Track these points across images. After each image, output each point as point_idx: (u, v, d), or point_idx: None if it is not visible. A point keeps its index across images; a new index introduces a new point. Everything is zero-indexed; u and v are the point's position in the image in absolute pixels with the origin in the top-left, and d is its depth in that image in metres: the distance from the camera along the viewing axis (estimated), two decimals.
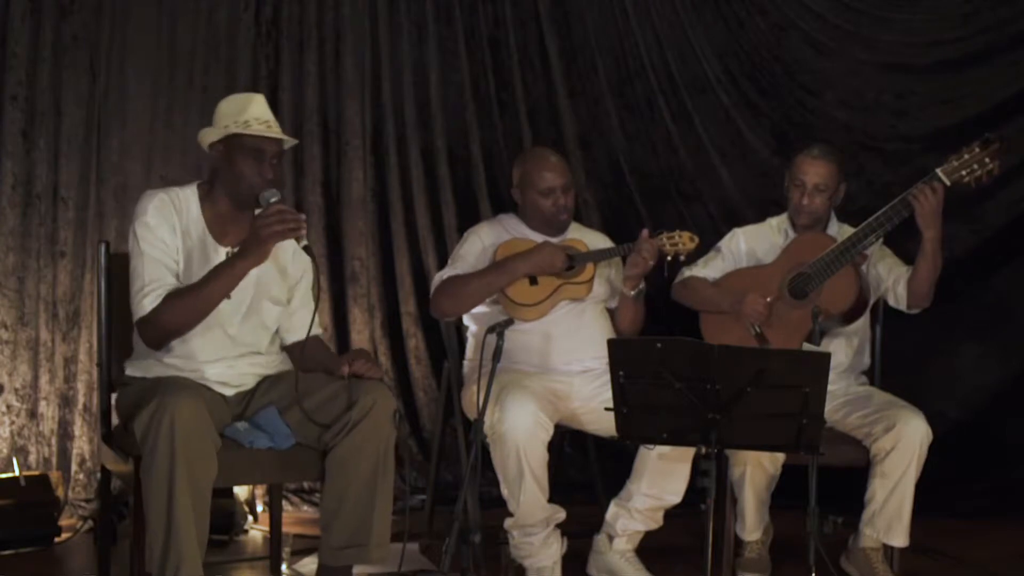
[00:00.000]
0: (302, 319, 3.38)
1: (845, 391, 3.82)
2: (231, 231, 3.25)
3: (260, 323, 3.30)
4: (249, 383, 3.31)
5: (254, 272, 3.17)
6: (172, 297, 3.12)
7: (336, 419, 3.13)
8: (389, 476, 3.15)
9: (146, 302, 3.11)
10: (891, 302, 3.89)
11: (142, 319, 3.13)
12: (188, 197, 3.25)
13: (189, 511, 2.90)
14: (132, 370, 3.29)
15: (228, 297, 3.16)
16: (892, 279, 3.85)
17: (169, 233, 3.17)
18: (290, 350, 3.43)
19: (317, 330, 3.36)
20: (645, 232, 3.74)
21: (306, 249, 3.16)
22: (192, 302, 3.10)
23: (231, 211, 3.25)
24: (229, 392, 3.27)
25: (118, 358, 3.37)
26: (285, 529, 3.74)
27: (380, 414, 3.11)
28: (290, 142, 3.31)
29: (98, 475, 4.00)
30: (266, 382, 3.31)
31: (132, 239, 3.18)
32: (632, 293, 3.81)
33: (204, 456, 2.96)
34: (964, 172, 3.60)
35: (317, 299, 3.32)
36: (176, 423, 2.88)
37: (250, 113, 3.20)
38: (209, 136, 3.24)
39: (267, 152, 3.20)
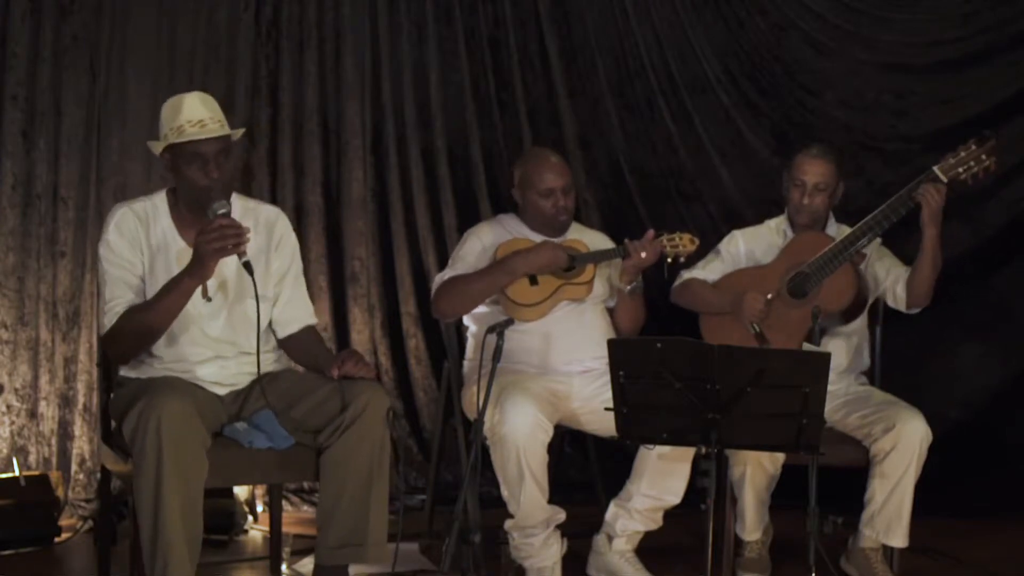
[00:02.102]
0: (293, 312, 3.38)
1: (845, 391, 3.81)
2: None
3: (246, 321, 3.26)
4: (243, 382, 3.30)
5: (231, 272, 3.17)
6: (128, 314, 3.12)
7: (329, 421, 3.13)
8: (384, 476, 3.14)
9: (106, 320, 3.15)
10: (890, 303, 3.89)
11: (103, 337, 3.17)
12: (157, 206, 3.24)
13: (177, 512, 2.89)
14: (126, 371, 3.30)
15: (201, 303, 3.17)
16: (891, 279, 3.85)
17: (129, 249, 3.16)
18: (285, 344, 3.42)
19: (312, 320, 3.38)
20: (651, 233, 3.73)
21: (246, 266, 3.05)
22: (146, 319, 3.09)
23: (192, 215, 3.21)
24: (222, 391, 3.27)
25: None
26: (285, 529, 3.74)
27: (374, 414, 3.10)
28: (235, 134, 3.19)
29: (98, 475, 4.00)
30: (261, 382, 3.29)
31: (98, 259, 3.20)
32: (627, 288, 3.80)
33: (193, 456, 2.95)
34: (961, 169, 3.60)
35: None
36: (163, 424, 2.88)
37: (183, 117, 3.10)
38: (155, 147, 3.19)
39: (207, 154, 3.11)
